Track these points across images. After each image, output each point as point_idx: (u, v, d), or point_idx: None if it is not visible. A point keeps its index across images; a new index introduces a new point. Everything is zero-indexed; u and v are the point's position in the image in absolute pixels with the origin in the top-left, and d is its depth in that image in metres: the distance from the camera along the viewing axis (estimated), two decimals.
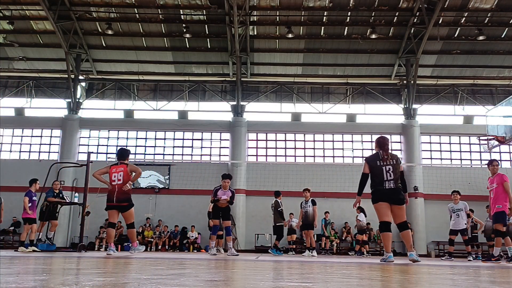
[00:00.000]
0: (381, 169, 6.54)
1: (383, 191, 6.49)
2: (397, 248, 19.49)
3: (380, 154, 6.66)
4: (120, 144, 21.27)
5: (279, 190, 13.31)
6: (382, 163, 6.57)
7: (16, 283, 2.23)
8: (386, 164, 6.56)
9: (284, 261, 7.02)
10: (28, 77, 21.86)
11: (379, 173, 6.54)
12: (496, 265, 7.13)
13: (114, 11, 19.22)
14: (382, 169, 6.54)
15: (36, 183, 10.90)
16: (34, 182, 10.87)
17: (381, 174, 6.52)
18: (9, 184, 19.05)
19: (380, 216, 6.56)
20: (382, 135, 7.24)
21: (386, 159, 6.59)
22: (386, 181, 6.49)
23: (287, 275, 3.46)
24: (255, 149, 21.15)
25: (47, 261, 5.09)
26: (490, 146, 14.87)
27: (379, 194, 6.52)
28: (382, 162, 6.59)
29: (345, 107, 21.79)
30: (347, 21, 19.39)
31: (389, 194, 6.48)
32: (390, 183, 6.49)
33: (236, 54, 19.49)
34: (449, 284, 2.93)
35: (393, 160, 6.62)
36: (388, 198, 6.49)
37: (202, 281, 2.65)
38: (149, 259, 6.54)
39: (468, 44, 20.15)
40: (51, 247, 11.56)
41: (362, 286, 2.54)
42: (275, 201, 13.04)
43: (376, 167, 6.57)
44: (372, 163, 6.65)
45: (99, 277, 2.84)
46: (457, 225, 11.25)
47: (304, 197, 12.38)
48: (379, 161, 6.61)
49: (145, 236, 18.57)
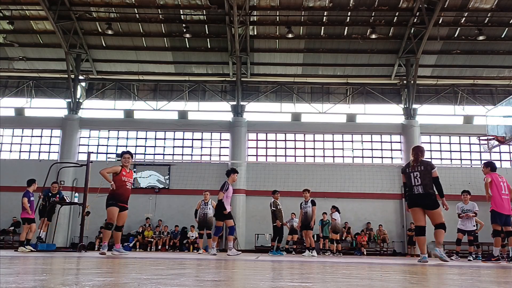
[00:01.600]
0: (409, 176, 7.14)
1: (412, 196, 7.08)
2: (397, 248, 19.52)
3: (410, 162, 7.23)
4: (120, 144, 21.29)
5: (275, 190, 13.20)
6: (410, 170, 7.16)
7: (16, 283, 2.23)
8: (413, 170, 7.11)
9: (284, 261, 7.02)
10: (28, 77, 21.86)
11: (408, 179, 7.16)
12: (496, 265, 7.13)
13: (114, 11, 19.22)
14: (410, 175, 7.13)
15: (34, 183, 10.90)
16: (33, 182, 10.88)
17: (409, 180, 7.13)
18: (9, 184, 19.08)
19: (414, 221, 7.17)
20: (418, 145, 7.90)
21: (414, 166, 7.12)
22: (414, 187, 7.04)
23: (287, 275, 3.46)
24: (255, 149, 21.15)
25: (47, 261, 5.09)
26: (490, 146, 14.87)
27: (410, 199, 7.17)
28: (410, 169, 7.17)
29: (345, 107, 21.80)
30: (347, 21, 19.39)
31: (417, 198, 7.00)
32: (418, 188, 7.00)
33: (236, 54, 19.49)
34: (449, 284, 2.93)
35: (421, 166, 7.08)
36: (417, 202, 7.01)
37: (202, 281, 2.65)
38: (149, 259, 6.54)
39: (468, 44, 20.15)
40: (51, 246, 11.57)
41: (362, 286, 2.54)
42: (273, 201, 13.03)
43: (406, 174, 7.22)
44: (404, 171, 7.34)
45: (99, 277, 2.84)
46: (466, 225, 11.28)
47: (304, 197, 12.38)
48: (408, 168, 7.23)
49: (145, 236, 18.57)
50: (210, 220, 12.89)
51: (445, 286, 2.78)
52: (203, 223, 12.91)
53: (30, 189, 10.78)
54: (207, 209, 12.88)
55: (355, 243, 18.95)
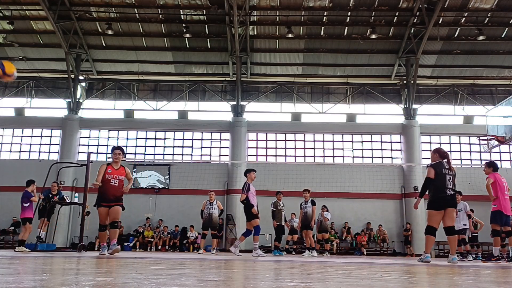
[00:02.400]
0: (444, 177, 7.21)
1: (446, 197, 7.17)
2: (397, 248, 19.52)
3: (445, 164, 7.35)
4: (120, 144, 21.28)
5: (279, 190, 13.29)
6: (447, 172, 7.28)
7: (16, 283, 2.23)
8: (449, 173, 7.29)
9: (284, 261, 7.03)
10: (28, 77, 21.85)
11: (443, 180, 7.20)
12: (496, 265, 7.13)
13: (114, 11, 19.22)
14: (445, 177, 7.22)
15: (33, 184, 10.91)
16: (32, 183, 10.90)
17: (444, 181, 7.19)
18: (9, 184, 19.07)
19: (432, 221, 7.22)
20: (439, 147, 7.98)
21: (449, 169, 7.32)
22: (447, 189, 7.19)
23: (287, 275, 3.46)
24: (255, 149, 21.15)
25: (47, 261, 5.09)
26: (490, 146, 14.87)
27: (442, 200, 7.18)
28: (446, 171, 7.29)
29: (345, 107, 21.79)
30: (347, 21, 19.39)
31: (449, 200, 7.20)
32: (450, 191, 7.23)
33: (236, 54, 19.49)
34: (449, 284, 2.93)
35: (453, 171, 7.37)
36: (449, 203, 7.19)
37: (202, 281, 2.65)
38: (149, 259, 6.54)
39: (468, 44, 20.15)
40: (51, 246, 11.57)
41: (362, 286, 2.54)
42: (275, 201, 13.09)
43: (442, 174, 7.23)
44: (438, 170, 7.27)
45: (99, 277, 2.84)
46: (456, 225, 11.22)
47: (304, 197, 12.39)
48: (445, 169, 7.28)
49: (145, 236, 18.57)
50: (215, 220, 12.85)
51: (445, 286, 2.78)
52: (208, 223, 12.78)
53: (28, 189, 10.79)
54: (212, 209, 12.77)
55: (355, 243, 18.95)
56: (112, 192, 7.98)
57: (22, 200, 10.73)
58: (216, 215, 12.83)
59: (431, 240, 7.18)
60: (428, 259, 6.98)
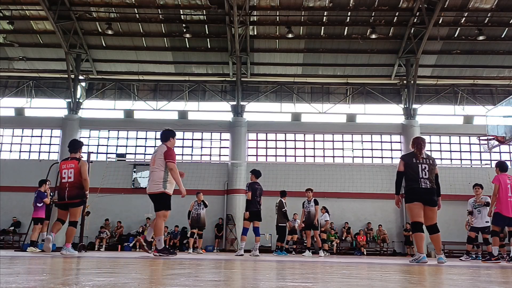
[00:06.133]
0: (417, 167, 6.50)
1: (418, 190, 6.45)
2: (397, 248, 19.52)
3: (415, 152, 6.64)
4: (120, 144, 21.30)
5: (285, 190, 13.25)
6: (418, 161, 6.54)
7: (16, 283, 2.23)
8: (422, 162, 6.53)
9: (285, 261, 7.02)
10: (28, 77, 21.86)
11: (415, 170, 6.49)
12: (496, 265, 7.13)
13: (114, 11, 19.22)
14: (418, 166, 6.50)
15: (45, 184, 11.09)
16: (44, 183, 11.06)
17: (416, 171, 6.48)
18: (9, 184, 19.07)
19: (413, 216, 6.56)
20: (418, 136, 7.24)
21: (421, 158, 6.56)
22: (421, 179, 6.45)
23: (287, 275, 3.46)
24: (255, 149, 21.15)
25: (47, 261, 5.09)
26: (490, 146, 14.86)
27: (414, 193, 6.49)
28: (417, 160, 6.55)
29: (345, 107, 21.80)
30: (347, 21, 19.39)
31: (424, 193, 6.45)
32: (425, 182, 6.45)
33: (236, 54, 19.49)
34: (449, 284, 2.93)
35: (429, 160, 6.61)
36: (422, 198, 6.45)
37: (202, 281, 2.65)
38: (149, 259, 6.54)
39: (468, 44, 20.15)
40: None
41: (362, 286, 2.54)
42: (280, 200, 13.00)
43: (412, 164, 6.53)
44: (408, 160, 6.60)
45: (99, 277, 2.84)
46: (478, 222, 10.92)
47: (306, 197, 12.39)
48: (415, 158, 6.58)
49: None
50: (203, 220, 13.02)
51: (445, 286, 2.78)
52: (196, 223, 12.96)
53: (41, 189, 10.92)
54: (200, 210, 12.99)
55: (355, 243, 18.95)
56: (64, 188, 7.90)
57: (36, 200, 10.86)
58: (203, 215, 13.01)
59: (420, 237, 6.49)
60: (424, 260, 6.36)
